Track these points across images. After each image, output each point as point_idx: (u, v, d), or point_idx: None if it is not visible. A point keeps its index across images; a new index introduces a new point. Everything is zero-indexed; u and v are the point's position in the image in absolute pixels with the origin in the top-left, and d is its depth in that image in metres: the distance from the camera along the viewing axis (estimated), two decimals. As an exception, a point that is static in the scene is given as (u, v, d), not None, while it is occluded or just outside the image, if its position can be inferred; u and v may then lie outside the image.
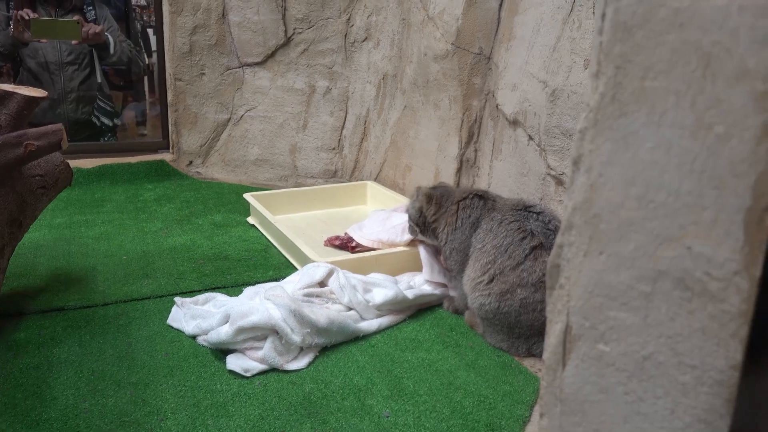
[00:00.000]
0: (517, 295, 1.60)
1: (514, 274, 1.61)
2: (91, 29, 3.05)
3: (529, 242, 1.62)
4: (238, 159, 3.08)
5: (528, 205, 1.69)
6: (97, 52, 3.21)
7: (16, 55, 3.12)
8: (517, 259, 1.62)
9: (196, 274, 2.01)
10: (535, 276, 1.59)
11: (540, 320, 1.59)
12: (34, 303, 1.78)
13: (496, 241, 1.66)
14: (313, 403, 1.40)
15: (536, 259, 1.60)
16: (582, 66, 1.73)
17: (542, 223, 1.64)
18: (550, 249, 1.59)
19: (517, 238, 1.63)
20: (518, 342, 1.64)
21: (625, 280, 0.58)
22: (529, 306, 1.59)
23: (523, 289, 1.60)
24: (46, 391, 1.41)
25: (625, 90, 0.56)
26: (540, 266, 1.60)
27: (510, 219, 1.67)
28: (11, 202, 1.67)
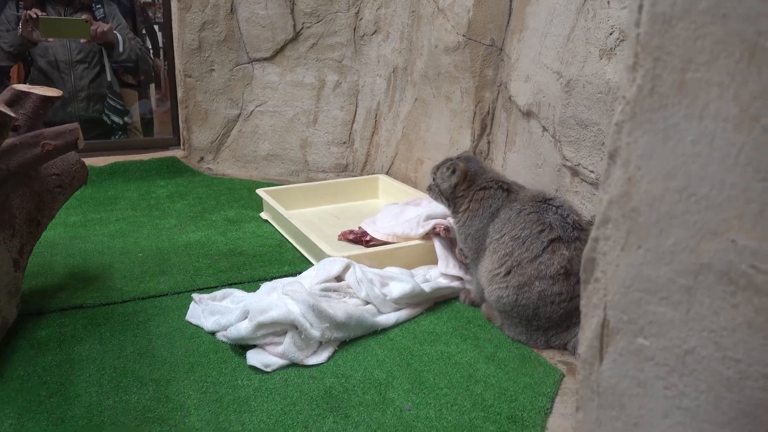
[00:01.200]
0: (535, 288, 1.60)
1: (531, 266, 1.61)
2: (99, 27, 3.05)
3: (548, 235, 1.61)
4: (248, 154, 3.09)
5: (548, 198, 1.69)
6: (106, 50, 3.21)
7: (27, 55, 3.13)
8: (535, 251, 1.61)
9: (212, 270, 2.02)
10: (553, 269, 1.59)
11: (558, 312, 1.59)
12: (54, 301, 1.79)
13: (514, 232, 1.66)
14: (334, 398, 1.41)
15: (554, 252, 1.60)
16: (597, 56, 1.72)
17: (561, 216, 1.63)
18: (567, 242, 1.60)
19: (535, 231, 1.63)
20: (537, 334, 1.64)
21: (665, 274, 0.58)
22: (548, 298, 1.59)
23: (541, 281, 1.59)
24: (69, 388, 1.42)
25: (665, 82, 0.55)
26: (558, 259, 1.59)
27: (529, 210, 1.67)
28: (29, 201, 1.67)
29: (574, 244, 1.60)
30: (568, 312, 1.59)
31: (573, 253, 1.60)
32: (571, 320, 1.59)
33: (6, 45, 3.00)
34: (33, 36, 2.98)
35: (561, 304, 1.59)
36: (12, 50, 3.02)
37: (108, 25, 3.10)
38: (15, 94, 1.62)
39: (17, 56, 3.07)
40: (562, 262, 1.59)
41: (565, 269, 1.59)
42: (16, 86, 1.64)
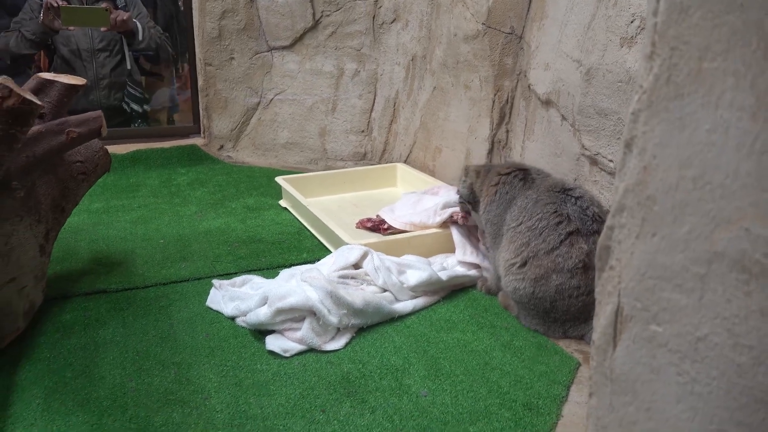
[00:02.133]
0: (552, 281, 1.59)
1: (548, 258, 1.60)
2: (119, 16, 3.08)
3: (565, 227, 1.60)
4: (268, 143, 3.11)
5: (567, 188, 1.68)
6: (125, 38, 3.24)
7: (50, 43, 3.17)
8: (552, 243, 1.60)
9: (231, 256, 2.05)
10: (571, 262, 1.58)
11: (576, 306, 1.59)
12: (78, 286, 1.83)
13: (530, 222, 1.65)
14: (351, 383, 1.43)
15: (572, 245, 1.59)
16: (618, 44, 1.70)
17: (580, 208, 1.62)
18: (586, 235, 1.59)
19: (552, 222, 1.62)
20: (554, 326, 1.64)
21: (679, 262, 0.58)
22: (565, 292, 1.59)
23: (558, 274, 1.59)
24: (94, 370, 1.45)
25: (681, 71, 0.56)
26: (576, 252, 1.58)
27: (546, 200, 1.66)
28: (54, 188, 1.71)
29: (592, 238, 1.59)
30: (586, 305, 1.58)
31: (591, 246, 1.58)
32: (589, 313, 1.57)
33: (28, 33, 3.04)
34: (54, 24, 3.01)
35: (579, 297, 1.58)
36: (34, 38, 3.06)
37: (127, 13, 3.13)
38: (40, 82, 1.65)
39: (39, 44, 3.11)
40: (581, 255, 1.58)
41: (584, 263, 1.58)
42: (41, 75, 1.67)
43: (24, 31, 3.04)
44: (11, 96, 1.34)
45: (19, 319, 1.56)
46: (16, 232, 1.53)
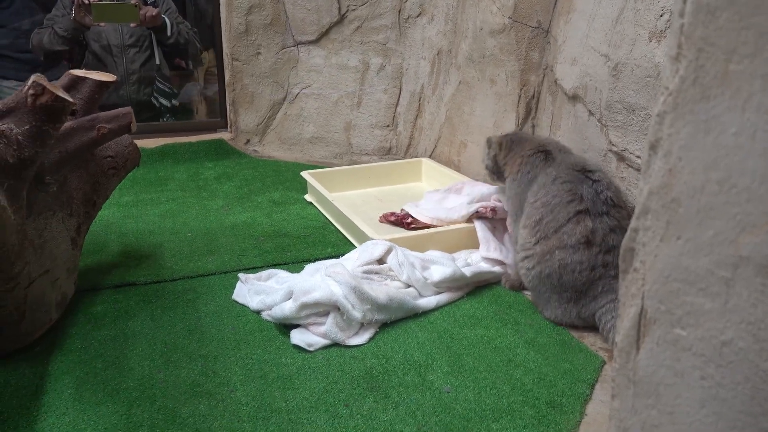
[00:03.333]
0: (555, 257, 1.64)
1: (555, 236, 1.65)
2: (148, 12, 3.12)
3: (576, 206, 1.64)
4: (293, 137, 3.13)
5: (588, 169, 1.70)
6: (154, 33, 3.29)
7: (82, 39, 3.23)
8: (561, 221, 1.65)
9: (257, 250, 2.07)
10: (574, 238, 1.62)
11: (581, 281, 1.62)
12: (108, 278, 1.87)
13: (546, 198, 1.71)
14: (374, 378, 1.44)
15: (578, 222, 1.63)
16: (647, 38, 1.68)
17: (595, 191, 1.65)
18: (594, 215, 1.61)
19: (565, 200, 1.66)
20: (569, 306, 1.65)
21: (704, 266, 0.58)
22: (568, 267, 1.62)
23: (561, 251, 1.63)
24: (123, 361, 1.49)
25: (708, 74, 0.55)
26: (580, 229, 1.62)
27: (564, 178, 1.70)
28: (86, 182, 1.75)
29: (600, 218, 1.62)
30: (591, 281, 1.61)
31: (597, 225, 1.62)
32: (596, 290, 1.61)
33: (60, 29, 3.10)
34: (85, 21, 3.06)
35: (582, 273, 1.61)
36: (66, 34, 3.11)
37: (156, 9, 3.17)
38: (72, 79, 1.68)
39: (71, 40, 3.16)
40: (584, 231, 1.62)
41: (587, 239, 1.61)
42: (73, 71, 1.70)
43: (56, 27, 3.10)
44: (44, 93, 1.37)
45: (52, 310, 1.60)
46: (49, 226, 1.57)
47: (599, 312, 1.61)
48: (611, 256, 1.61)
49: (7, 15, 3.27)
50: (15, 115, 1.38)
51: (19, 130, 1.37)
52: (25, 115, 1.37)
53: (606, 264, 1.61)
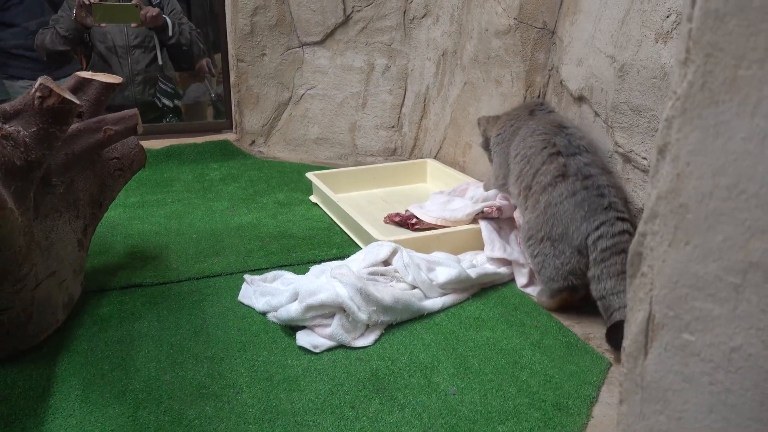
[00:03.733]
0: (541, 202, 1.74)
1: (535, 181, 1.78)
2: (149, 12, 3.11)
3: (549, 150, 1.77)
4: (298, 138, 3.13)
5: (564, 126, 1.85)
6: (156, 34, 3.28)
7: (86, 40, 3.23)
8: (536, 166, 1.78)
9: (262, 252, 2.08)
10: (550, 176, 1.73)
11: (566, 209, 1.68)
12: (115, 279, 1.87)
13: (524, 151, 1.84)
14: (380, 380, 1.44)
15: (551, 162, 1.75)
16: (653, 39, 1.67)
17: (568, 140, 1.78)
18: (568, 155, 1.76)
19: (539, 148, 1.80)
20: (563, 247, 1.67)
21: (712, 271, 0.58)
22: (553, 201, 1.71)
23: (543, 194, 1.74)
24: (130, 363, 1.49)
25: (716, 79, 0.55)
26: (554, 166, 1.74)
27: (541, 131, 1.84)
28: (92, 184, 1.75)
29: (573, 157, 1.74)
30: (576, 205, 1.67)
31: (570, 161, 1.73)
32: (583, 210, 1.66)
33: (62, 30, 3.10)
34: (86, 21, 3.06)
35: (564, 202, 1.69)
36: (67, 35, 3.10)
37: (157, 9, 3.16)
38: (79, 81, 1.69)
39: (72, 41, 3.15)
40: (558, 167, 1.73)
41: (562, 172, 1.72)
42: (80, 73, 1.71)
43: (58, 27, 3.10)
44: (51, 96, 1.37)
45: (58, 311, 1.61)
46: (56, 228, 1.57)
47: (591, 237, 1.63)
48: (590, 180, 1.68)
49: (19, 14, 3.27)
50: (22, 118, 1.38)
51: (26, 132, 1.37)
52: (33, 118, 1.38)
53: (586, 187, 1.68)
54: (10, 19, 3.25)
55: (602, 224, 1.62)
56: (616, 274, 1.60)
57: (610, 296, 1.59)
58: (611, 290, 1.59)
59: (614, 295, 1.58)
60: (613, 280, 1.59)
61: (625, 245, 1.59)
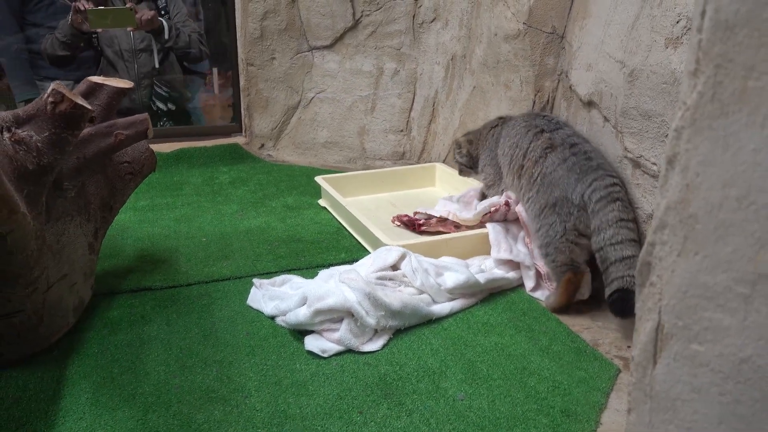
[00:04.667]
0: (537, 174, 1.86)
1: (526, 159, 1.91)
2: (144, 15, 3.10)
3: (533, 131, 1.94)
4: (307, 142, 3.14)
5: (538, 113, 2.05)
6: (153, 37, 3.28)
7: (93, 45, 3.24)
8: (524, 147, 1.93)
9: (271, 255, 2.08)
10: (539, 150, 1.88)
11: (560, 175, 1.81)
12: (124, 283, 1.89)
13: (510, 141, 2.01)
14: (388, 385, 1.44)
15: (538, 138, 1.91)
16: (663, 44, 1.67)
17: (547, 120, 1.97)
18: (550, 131, 1.92)
19: (523, 132, 1.97)
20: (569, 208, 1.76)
21: (722, 282, 0.58)
22: (546, 170, 1.84)
23: (536, 166, 1.87)
24: (139, 366, 1.50)
25: (726, 90, 0.55)
26: (542, 141, 1.89)
27: (521, 121, 2.02)
28: (103, 187, 1.77)
29: (556, 131, 1.91)
30: (569, 169, 1.79)
31: (555, 135, 1.89)
32: (575, 173, 1.78)
33: (60, 35, 3.11)
34: (83, 27, 3.06)
35: (558, 168, 1.82)
36: (65, 40, 3.11)
37: (152, 12, 3.14)
38: (90, 86, 1.70)
39: (71, 46, 3.14)
40: (545, 141, 1.89)
41: (549, 144, 1.87)
42: (91, 78, 1.72)
43: (57, 33, 3.12)
44: (64, 101, 1.39)
45: (69, 314, 1.62)
46: (67, 231, 1.59)
47: (587, 193, 1.74)
48: (576, 148, 1.84)
49: (49, 15, 3.29)
50: (35, 123, 1.40)
51: (38, 137, 1.38)
52: (45, 123, 1.39)
53: (575, 153, 1.82)
54: (40, 20, 3.27)
55: (594, 180, 1.75)
56: (614, 222, 1.68)
57: (608, 247, 1.66)
58: (609, 240, 1.66)
59: (612, 246, 1.66)
60: (611, 229, 1.67)
61: (618, 195, 1.72)
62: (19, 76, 3.40)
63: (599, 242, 1.68)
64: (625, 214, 1.70)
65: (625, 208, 1.71)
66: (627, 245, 1.65)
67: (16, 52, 3.34)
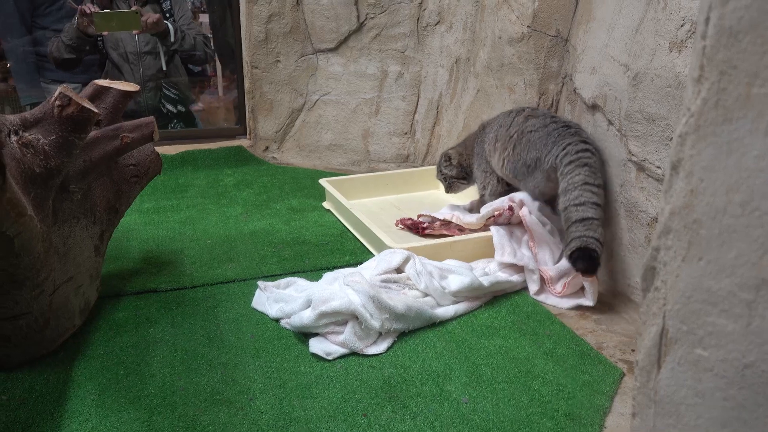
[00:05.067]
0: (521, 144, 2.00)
1: (510, 131, 2.06)
2: (149, 18, 3.13)
3: (515, 112, 2.11)
4: (312, 144, 3.15)
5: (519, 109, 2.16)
6: (159, 40, 3.30)
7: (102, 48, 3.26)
8: (507, 123, 2.09)
9: (276, 258, 2.09)
10: (521, 119, 2.04)
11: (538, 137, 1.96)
12: (130, 285, 1.90)
13: (494, 129, 2.14)
14: (392, 387, 1.44)
15: (519, 114, 2.07)
16: (667, 48, 1.67)
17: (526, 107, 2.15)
18: (531, 110, 2.11)
19: (505, 115, 2.14)
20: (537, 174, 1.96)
21: (726, 287, 0.58)
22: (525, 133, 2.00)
23: (517, 131, 2.03)
24: (144, 368, 1.51)
25: (730, 96, 0.55)
26: (523, 115, 2.07)
27: (502, 115, 2.18)
28: (109, 190, 1.78)
29: (536, 109, 2.11)
30: (547, 134, 1.94)
31: (535, 111, 2.08)
32: (553, 138, 1.92)
33: (66, 38, 3.14)
34: (88, 30, 3.08)
35: (537, 131, 1.97)
36: (71, 43, 3.13)
37: (157, 15, 3.17)
38: (97, 89, 1.71)
39: (77, 49, 3.17)
40: (528, 112, 2.07)
41: (531, 114, 2.05)
42: (97, 82, 1.73)
43: (62, 36, 3.14)
44: (71, 104, 1.40)
45: (75, 316, 1.63)
46: (73, 234, 1.59)
47: (559, 156, 1.87)
48: (556, 118, 2.01)
49: (59, 19, 3.31)
50: (42, 126, 1.41)
51: (45, 140, 1.39)
52: (52, 126, 1.40)
53: (555, 121, 1.98)
54: (49, 23, 3.29)
55: (568, 145, 1.87)
56: (579, 184, 1.79)
57: (572, 207, 1.77)
58: (573, 201, 1.77)
59: (575, 206, 1.77)
60: (576, 191, 1.78)
61: (588, 160, 1.83)
62: (25, 79, 3.42)
63: (564, 203, 1.80)
64: (591, 178, 1.80)
65: (593, 173, 1.82)
66: (589, 207, 1.76)
67: (22, 55, 3.37)
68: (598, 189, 1.80)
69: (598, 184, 1.81)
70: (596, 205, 1.77)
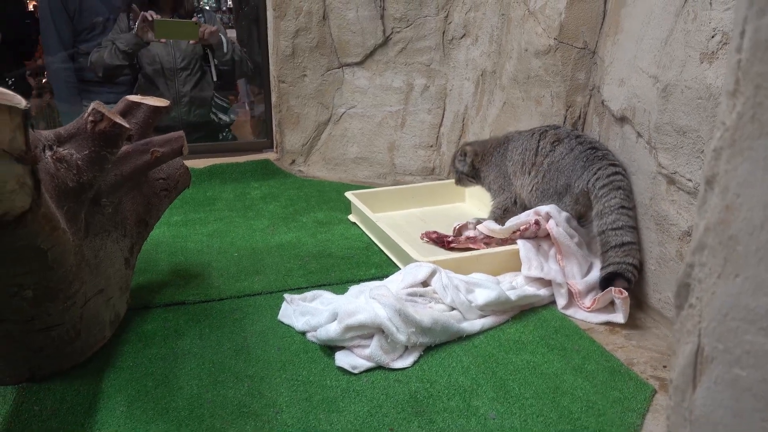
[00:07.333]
0: (544, 166, 2.08)
1: (537, 155, 2.11)
2: (207, 29, 3.25)
3: (539, 133, 2.16)
4: (338, 157, 3.17)
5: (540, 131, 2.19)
6: (211, 51, 3.38)
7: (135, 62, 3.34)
8: (533, 146, 2.13)
9: (302, 271, 2.10)
10: (548, 145, 2.10)
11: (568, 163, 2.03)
12: (158, 297, 1.92)
13: (519, 149, 2.19)
14: (419, 402, 1.43)
15: (545, 137, 2.12)
16: (698, 60, 1.65)
17: (548, 124, 2.21)
18: (554, 129, 2.16)
19: (529, 136, 2.18)
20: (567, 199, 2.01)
21: (764, 305, 0.57)
22: (555, 159, 2.06)
23: (545, 159, 2.08)
24: (173, 380, 1.52)
25: (766, 110, 0.54)
26: (548, 138, 2.11)
27: (524, 132, 2.23)
28: (139, 203, 1.80)
29: (558, 129, 2.15)
30: (575, 158, 2.00)
31: (558, 131, 2.13)
32: (582, 162, 1.98)
33: (122, 44, 3.22)
34: (147, 36, 3.19)
35: (565, 158, 2.03)
36: (127, 49, 3.23)
37: (214, 27, 3.28)
38: (128, 104, 1.75)
39: (131, 55, 3.28)
40: (552, 136, 2.11)
41: (556, 138, 2.09)
42: (129, 97, 1.76)
43: (118, 42, 3.23)
44: (103, 120, 1.42)
45: (105, 328, 1.65)
46: (104, 246, 1.62)
47: (590, 181, 1.93)
48: (581, 138, 2.06)
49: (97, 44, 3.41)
50: (75, 141, 1.44)
51: (78, 155, 1.42)
52: (85, 141, 1.43)
53: (581, 143, 2.03)
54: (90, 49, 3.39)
55: (599, 169, 1.93)
56: (615, 208, 1.84)
57: (609, 231, 1.83)
58: (611, 225, 1.83)
59: (613, 231, 1.82)
60: (613, 215, 1.84)
61: (621, 183, 1.88)
62: (68, 102, 3.54)
63: (601, 226, 1.86)
64: (626, 202, 1.85)
65: (627, 196, 1.87)
66: (627, 231, 1.81)
67: (65, 78, 3.48)
68: (633, 212, 1.87)
69: (632, 206, 1.87)
70: (633, 229, 1.83)
